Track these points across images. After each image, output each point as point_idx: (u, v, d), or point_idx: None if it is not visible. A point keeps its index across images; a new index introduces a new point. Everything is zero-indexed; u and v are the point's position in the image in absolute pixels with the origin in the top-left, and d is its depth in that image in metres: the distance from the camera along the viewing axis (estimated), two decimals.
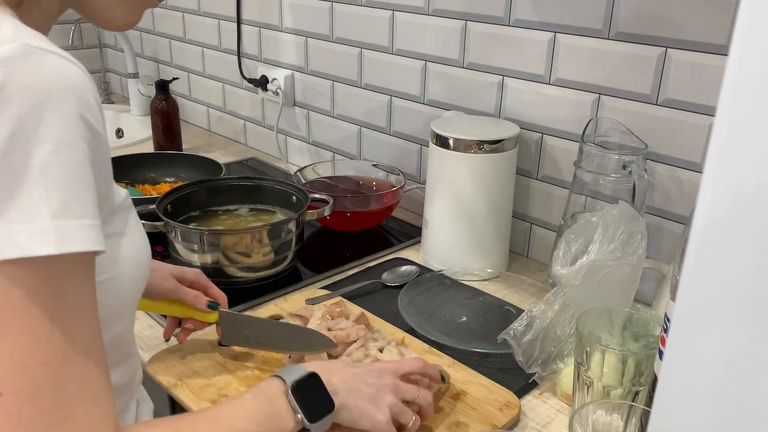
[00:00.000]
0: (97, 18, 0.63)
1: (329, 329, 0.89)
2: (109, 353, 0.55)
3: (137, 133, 1.96)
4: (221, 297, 0.92)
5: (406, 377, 0.77)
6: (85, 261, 0.51)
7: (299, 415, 0.65)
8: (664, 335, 0.69)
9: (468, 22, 1.24)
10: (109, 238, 0.57)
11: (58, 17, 0.62)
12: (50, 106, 0.48)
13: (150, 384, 0.92)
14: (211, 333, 0.97)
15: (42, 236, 0.47)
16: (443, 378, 0.82)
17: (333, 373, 0.71)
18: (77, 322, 0.50)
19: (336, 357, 0.85)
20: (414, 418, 0.74)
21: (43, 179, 0.47)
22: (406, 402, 0.75)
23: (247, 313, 1.03)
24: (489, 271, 1.17)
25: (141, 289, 0.67)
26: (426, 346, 0.95)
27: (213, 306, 0.88)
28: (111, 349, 0.57)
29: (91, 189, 0.50)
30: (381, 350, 0.86)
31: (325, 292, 1.09)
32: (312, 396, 0.67)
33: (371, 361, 0.83)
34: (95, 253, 0.51)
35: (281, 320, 0.93)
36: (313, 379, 0.68)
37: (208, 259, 1.06)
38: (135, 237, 0.64)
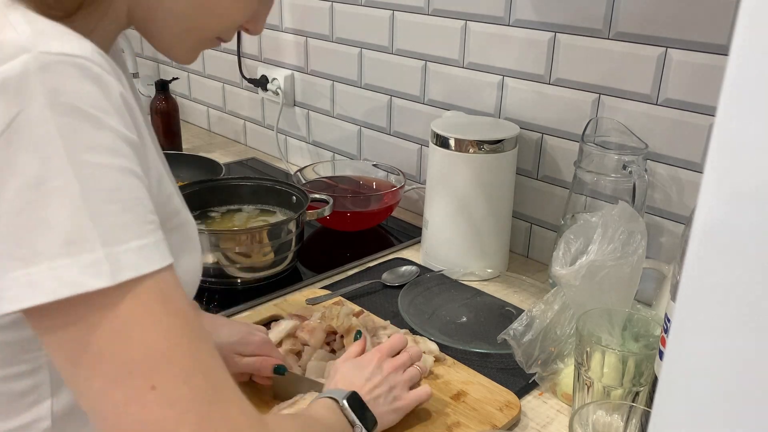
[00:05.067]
0: (159, 48, 0.63)
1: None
2: None
3: None
4: (284, 359, 0.89)
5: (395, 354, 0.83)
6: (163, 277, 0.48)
7: (357, 426, 0.71)
8: (664, 335, 0.69)
9: (468, 22, 1.24)
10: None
11: (119, 32, 0.60)
12: (73, 126, 0.44)
13: None
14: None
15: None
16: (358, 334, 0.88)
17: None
18: (184, 303, 0.49)
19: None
20: (418, 371, 0.82)
21: (86, 205, 0.44)
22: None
23: (245, 313, 1.04)
24: (489, 271, 1.16)
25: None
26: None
27: (280, 371, 0.84)
28: None
29: (138, 204, 0.47)
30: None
31: (325, 292, 1.09)
32: (362, 410, 0.72)
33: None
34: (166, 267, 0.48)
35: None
36: (355, 396, 0.73)
37: (209, 259, 1.06)
38: (194, 252, 0.64)
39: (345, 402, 0.71)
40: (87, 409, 0.48)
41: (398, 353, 0.83)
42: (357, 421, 0.71)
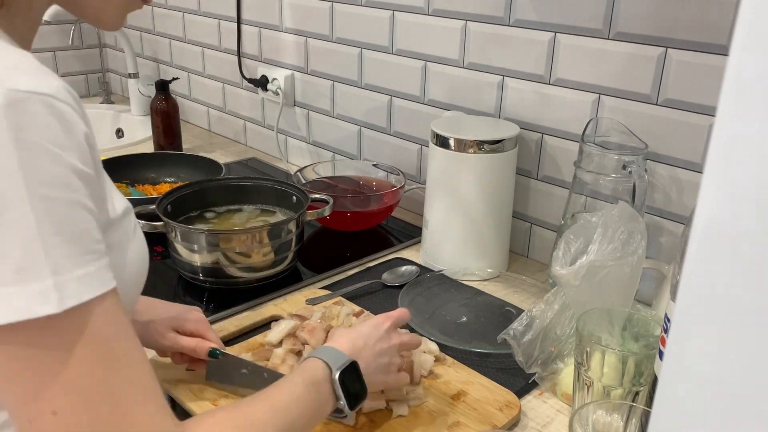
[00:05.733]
0: (87, 17, 0.64)
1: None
2: None
3: (137, 134, 1.96)
4: (218, 341, 0.89)
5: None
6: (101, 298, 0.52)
7: (341, 402, 0.70)
8: (664, 335, 0.69)
9: (468, 22, 1.24)
10: (112, 249, 0.58)
11: (42, 15, 0.62)
12: (33, 161, 0.47)
13: None
14: None
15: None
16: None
17: (360, 355, 0.75)
18: (111, 331, 0.52)
19: None
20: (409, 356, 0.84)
21: (38, 236, 0.47)
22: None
23: (245, 313, 1.04)
24: (489, 271, 1.17)
25: (135, 302, 0.69)
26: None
27: (214, 354, 0.85)
28: None
29: (84, 235, 0.51)
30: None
31: (325, 292, 1.09)
32: (353, 384, 0.72)
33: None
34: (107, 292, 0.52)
35: (267, 368, 0.88)
36: (353, 367, 0.72)
37: (208, 259, 1.06)
38: (136, 247, 0.65)
39: (337, 375, 0.70)
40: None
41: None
42: (342, 397, 0.70)
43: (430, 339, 0.96)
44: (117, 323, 0.53)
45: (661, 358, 0.70)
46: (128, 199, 1.48)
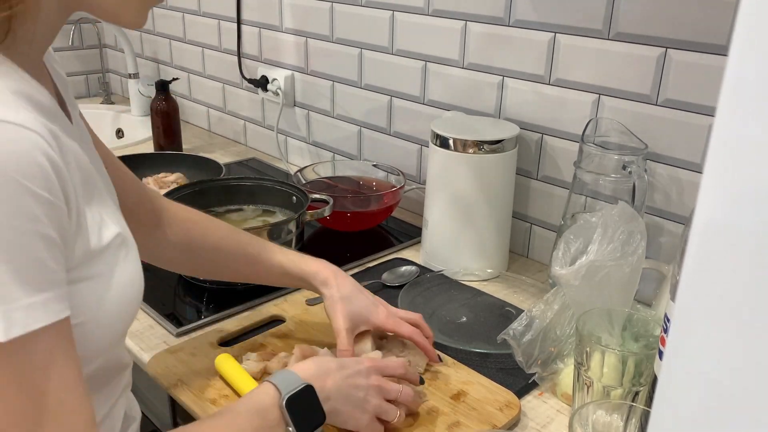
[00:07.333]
0: (106, 16, 0.62)
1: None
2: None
3: (137, 134, 1.96)
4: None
5: (388, 376, 0.79)
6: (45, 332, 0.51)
7: (290, 429, 0.67)
8: (664, 335, 0.69)
9: (468, 22, 1.24)
10: (87, 281, 0.58)
11: (65, 21, 0.61)
12: None
13: (150, 384, 0.92)
14: (210, 333, 0.97)
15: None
16: (421, 381, 0.85)
17: (327, 378, 0.72)
18: (53, 364, 0.52)
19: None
20: (398, 414, 0.77)
21: None
22: (390, 400, 0.77)
23: (245, 313, 1.04)
24: (489, 271, 1.17)
25: (127, 327, 0.67)
26: None
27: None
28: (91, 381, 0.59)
29: (37, 263, 0.50)
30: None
31: None
32: (305, 409, 0.69)
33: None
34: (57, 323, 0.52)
35: None
36: (307, 391, 0.69)
37: None
38: (122, 277, 0.62)
39: (285, 400, 0.67)
40: None
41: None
42: (291, 423, 0.67)
43: None
44: (63, 358, 0.52)
45: (661, 358, 0.70)
46: None
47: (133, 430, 0.76)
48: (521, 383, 0.90)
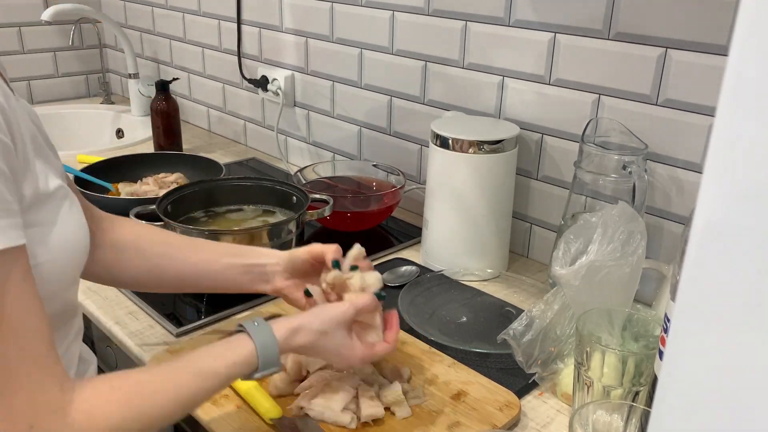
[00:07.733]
0: None
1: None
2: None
3: (137, 134, 1.96)
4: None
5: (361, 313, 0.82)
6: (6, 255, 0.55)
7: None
8: (664, 335, 0.69)
9: (468, 22, 1.24)
10: (35, 227, 0.61)
11: None
12: None
13: None
14: (211, 333, 0.97)
15: None
16: (383, 296, 0.86)
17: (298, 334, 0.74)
18: (9, 289, 0.55)
19: None
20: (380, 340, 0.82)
21: None
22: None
23: (245, 313, 1.03)
24: (489, 271, 1.17)
25: (77, 273, 0.71)
26: (426, 346, 0.95)
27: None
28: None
29: None
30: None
31: None
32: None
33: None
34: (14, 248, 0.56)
35: None
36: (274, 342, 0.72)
37: None
38: (67, 225, 0.66)
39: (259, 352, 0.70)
40: None
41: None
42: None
43: (430, 338, 0.96)
44: (20, 280, 0.56)
45: (661, 358, 0.70)
46: (128, 199, 1.47)
47: (91, 373, 0.80)
48: (521, 383, 0.90)
